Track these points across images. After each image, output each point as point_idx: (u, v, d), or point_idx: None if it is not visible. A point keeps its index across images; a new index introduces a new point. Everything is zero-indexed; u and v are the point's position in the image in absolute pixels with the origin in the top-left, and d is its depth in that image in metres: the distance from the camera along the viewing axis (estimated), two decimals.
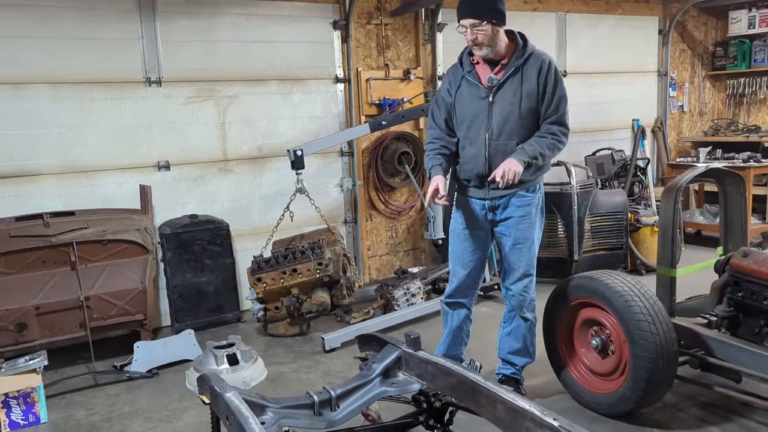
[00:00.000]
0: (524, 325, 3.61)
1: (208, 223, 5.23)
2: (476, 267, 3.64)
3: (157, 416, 3.75)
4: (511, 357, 3.69)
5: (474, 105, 3.40)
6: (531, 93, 3.32)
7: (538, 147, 3.32)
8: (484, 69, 3.41)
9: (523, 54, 3.32)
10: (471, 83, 3.41)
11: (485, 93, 3.37)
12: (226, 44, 5.37)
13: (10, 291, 4.21)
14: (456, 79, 3.48)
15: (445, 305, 3.77)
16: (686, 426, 3.35)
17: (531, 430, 2.24)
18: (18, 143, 4.70)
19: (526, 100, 3.32)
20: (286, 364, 4.46)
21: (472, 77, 3.41)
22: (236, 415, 2.28)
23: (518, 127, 3.35)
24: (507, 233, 3.51)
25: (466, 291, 3.69)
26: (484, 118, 3.37)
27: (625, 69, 7.87)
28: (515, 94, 3.31)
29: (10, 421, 3.64)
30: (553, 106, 3.35)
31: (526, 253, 3.51)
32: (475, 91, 3.40)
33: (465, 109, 3.44)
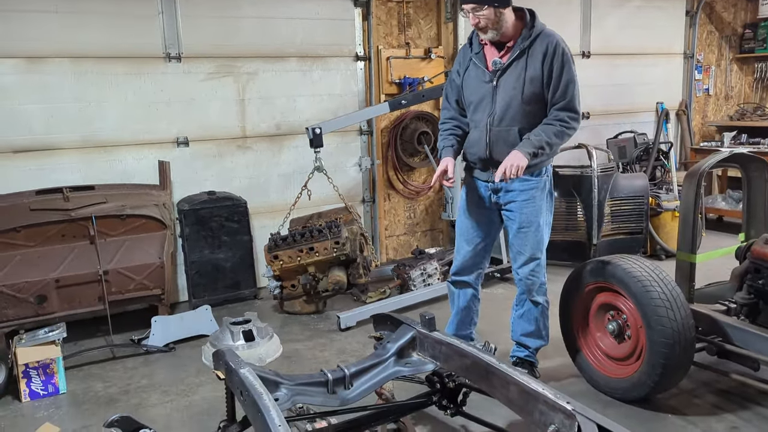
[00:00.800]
0: (535, 309, 3.58)
1: (226, 199, 5.24)
2: (481, 245, 3.59)
3: (174, 390, 3.79)
4: (525, 339, 3.67)
5: (479, 88, 3.33)
6: (535, 78, 3.19)
7: (545, 136, 3.20)
8: (491, 51, 3.33)
9: (529, 35, 3.20)
10: (477, 66, 3.35)
11: (489, 77, 3.29)
12: (246, 20, 5.34)
13: (31, 264, 4.26)
14: (465, 60, 3.42)
15: (451, 284, 3.75)
16: (701, 413, 3.31)
17: (544, 412, 2.23)
18: (38, 117, 4.73)
19: (529, 84, 3.20)
20: (301, 341, 4.49)
21: (479, 60, 3.34)
22: (250, 391, 2.29)
23: (521, 113, 3.26)
24: (512, 217, 3.47)
25: (471, 269, 3.64)
26: (488, 102, 3.31)
27: (650, 51, 7.72)
28: (519, 78, 3.20)
29: (30, 391, 3.71)
30: (560, 91, 3.22)
31: (532, 237, 3.46)
32: (480, 75, 3.33)
33: (471, 92, 3.38)
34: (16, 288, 4.15)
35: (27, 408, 3.63)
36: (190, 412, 3.49)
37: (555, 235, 6.13)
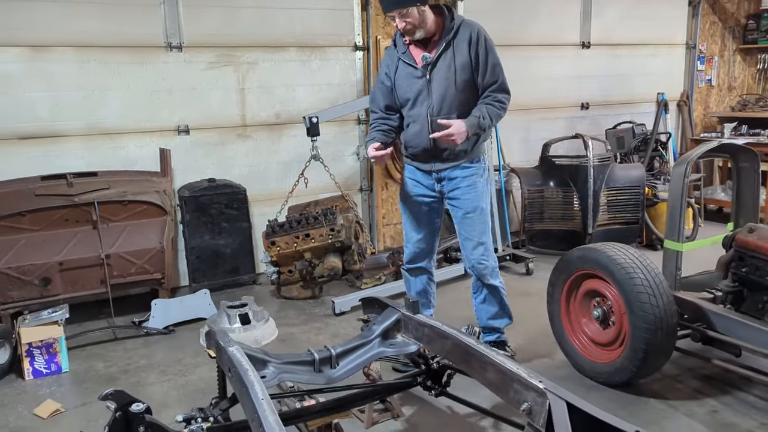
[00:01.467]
0: (493, 292, 3.73)
1: (226, 187, 5.35)
2: (430, 232, 3.74)
3: (172, 370, 3.92)
4: (492, 322, 3.81)
5: (413, 85, 3.44)
6: (464, 65, 3.37)
7: (487, 114, 3.39)
8: (417, 49, 3.44)
9: (452, 27, 3.37)
10: (407, 64, 3.45)
11: (421, 72, 3.41)
12: (247, 10, 5.42)
13: (36, 247, 4.39)
14: (393, 61, 3.51)
15: (406, 272, 3.89)
16: (683, 397, 3.40)
17: (518, 391, 2.32)
18: (43, 105, 4.84)
19: (461, 72, 3.37)
20: (297, 325, 4.60)
21: (407, 58, 3.44)
22: (237, 367, 2.40)
23: (457, 100, 3.42)
24: (457, 204, 3.62)
25: (423, 255, 3.79)
26: (424, 96, 3.43)
27: (652, 41, 7.73)
28: (449, 68, 3.37)
29: (33, 369, 3.84)
30: (489, 74, 3.41)
31: (477, 222, 3.60)
32: (411, 71, 3.44)
33: (405, 90, 3.48)
34: (21, 270, 4.28)
35: (30, 385, 3.76)
36: (186, 391, 3.61)
37: (551, 224, 6.28)
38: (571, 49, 7.20)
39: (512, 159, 6.75)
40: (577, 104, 7.37)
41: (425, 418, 3.24)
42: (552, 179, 6.20)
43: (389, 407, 3.25)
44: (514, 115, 6.82)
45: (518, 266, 5.79)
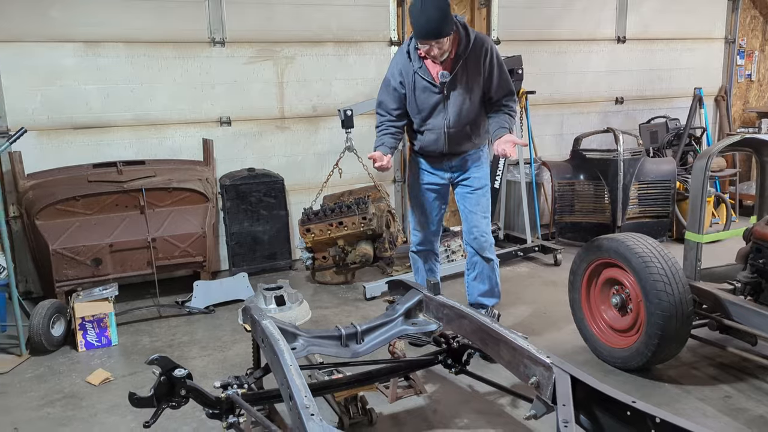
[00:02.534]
0: (488, 266, 3.95)
1: (265, 176, 5.61)
2: (438, 216, 4.02)
3: (211, 345, 4.19)
4: (481, 299, 4.05)
5: (429, 99, 3.63)
6: (479, 82, 3.60)
7: (509, 122, 3.67)
8: (433, 64, 3.56)
9: (467, 45, 3.51)
10: (424, 80, 3.58)
11: (438, 89, 3.58)
12: (286, 6, 5.66)
13: (88, 230, 4.72)
14: (408, 73, 3.61)
15: (415, 254, 4.14)
16: (698, 383, 3.50)
17: (528, 366, 2.49)
18: (96, 97, 5.17)
19: (476, 88, 3.60)
20: (329, 308, 4.83)
21: (424, 73, 3.56)
22: (269, 338, 2.63)
23: (472, 113, 3.68)
24: (467, 183, 3.89)
25: (432, 238, 4.06)
26: (441, 109, 3.65)
27: (689, 36, 7.70)
28: (466, 86, 3.58)
29: (86, 342, 4.16)
30: (501, 86, 3.65)
31: (483, 198, 3.89)
32: (428, 86, 3.59)
33: (422, 103, 3.65)
34: (75, 251, 4.61)
35: (83, 356, 4.08)
36: (224, 364, 3.88)
37: (581, 217, 6.37)
38: (607, 43, 7.24)
39: (545, 153, 6.85)
40: (611, 99, 7.41)
41: (446, 395, 3.42)
42: (582, 172, 6.28)
43: (412, 384, 3.44)
44: (548, 110, 6.93)
45: (546, 257, 5.91)
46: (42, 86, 4.98)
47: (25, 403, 3.48)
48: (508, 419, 3.16)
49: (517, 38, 6.61)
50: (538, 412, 2.41)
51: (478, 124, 3.79)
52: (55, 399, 3.52)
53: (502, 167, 5.88)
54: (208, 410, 2.76)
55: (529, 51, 6.54)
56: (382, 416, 3.18)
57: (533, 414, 2.41)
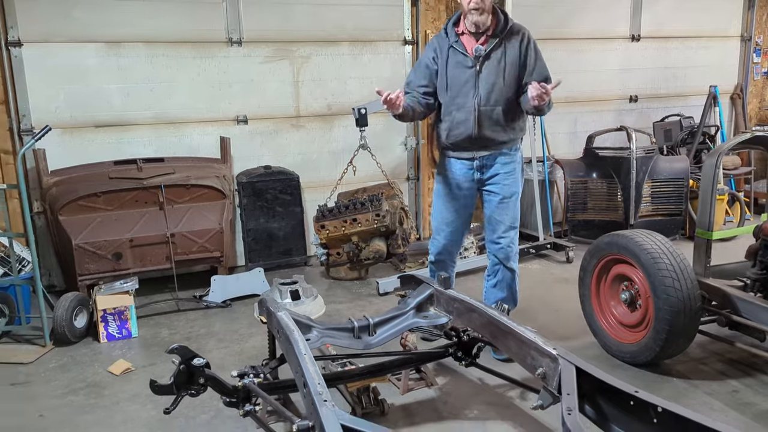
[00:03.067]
0: (510, 275, 3.89)
1: (280, 174, 5.72)
2: (460, 226, 3.91)
3: (228, 338, 4.30)
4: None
5: (461, 74, 3.61)
6: (514, 62, 3.58)
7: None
8: (469, 40, 3.61)
9: (505, 27, 3.59)
10: (458, 53, 3.61)
11: (472, 62, 3.57)
12: (302, 7, 5.75)
13: (109, 225, 4.85)
14: (443, 48, 3.65)
15: (432, 264, 4.04)
16: (706, 378, 3.54)
17: (534, 357, 2.57)
18: (117, 96, 5.30)
19: (510, 68, 3.57)
20: (343, 303, 4.93)
21: (459, 47, 3.61)
22: (284, 328, 2.72)
23: (503, 94, 3.61)
24: (495, 190, 3.78)
25: (451, 249, 3.97)
26: (471, 86, 3.60)
27: (704, 33, 7.68)
28: (500, 63, 3.57)
29: (107, 333, 4.29)
30: (538, 72, 3.62)
31: (512, 207, 3.80)
32: (462, 60, 3.60)
33: (452, 77, 3.63)
34: (96, 246, 4.74)
35: (104, 347, 4.21)
36: (241, 356, 3.98)
37: (593, 214, 6.41)
38: (621, 42, 7.25)
39: (559, 151, 6.88)
40: (625, 97, 7.42)
41: (457, 388, 3.50)
42: (595, 170, 6.31)
43: (424, 376, 3.52)
44: (561, 108, 6.94)
45: (559, 254, 5.95)
46: (65, 85, 5.12)
47: (50, 392, 3.61)
48: (517, 411, 3.23)
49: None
50: (544, 403, 2.49)
51: (512, 112, 3.67)
52: (78, 388, 3.65)
53: None
54: (225, 398, 2.86)
55: (544, 49, 6.47)
56: (393, 407, 3.26)
57: (540, 404, 2.49)
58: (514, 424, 3.11)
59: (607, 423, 2.33)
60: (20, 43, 4.93)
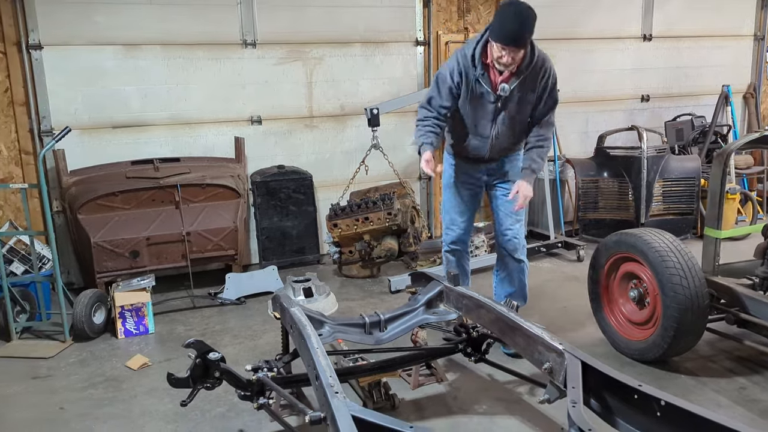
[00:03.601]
0: (517, 267, 3.99)
1: (294, 173, 5.80)
2: (472, 216, 4.10)
3: (243, 334, 4.39)
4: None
5: (483, 107, 3.65)
6: (533, 100, 3.64)
7: (540, 161, 3.76)
8: (494, 73, 3.54)
9: (531, 61, 3.49)
10: (483, 86, 3.57)
11: (495, 98, 3.59)
12: (315, 9, 5.83)
13: (126, 224, 4.95)
14: (468, 76, 3.57)
15: (448, 253, 4.17)
16: (714, 375, 3.58)
17: (541, 352, 2.62)
18: (134, 97, 5.41)
19: (528, 106, 3.66)
20: (355, 300, 5.00)
21: (485, 81, 3.55)
22: (297, 323, 2.80)
23: (518, 128, 3.76)
24: (505, 186, 3.93)
25: (464, 237, 4.13)
26: (490, 119, 3.67)
27: (717, 33, 7.66)
28: (521, 102, 3.62)
29: (125, 329, 4.39)
30: (546, 108, 3.70)
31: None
32: (485, 94, 3.59)
33: (474, 108, 3.67)
34: (114, 244, 4.85)
35: (122, 343, 4.32)
36: (255, 352, 4.07)
37: (604, 213, 6.43)
38: (632, 41, 7.26)
39: (570, 151, 6.90)
40: (637, 96, 7.43)
41: (466, 383, 3.56)
42: (606, 170, 6.34)
43: (434, 372, 3.58)
44: (572, 108, 6.99)
45: (569, 253, 5.99)
46: (84, 87, 5.23)
47: (70, 385, 3.72)
48: (525, 406, 3.29)
49: (541, 37, 6.52)
50: (551, 397, 2.54)
51: (523, 134, 3.85)
52: (97, 381, 3.75)
53: None
54: (240, 392, 2.95)
55: (554, 49, 6.57)
56: (404, 402, 3.33)
57: (546, 398, 2.55)
58: (523, 419, 3.17)
59: (612, 417, 2.38)
60: (41, 46, 5.05)
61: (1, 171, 5.16)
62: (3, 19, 4.94)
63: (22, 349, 4.20)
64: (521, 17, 3.30)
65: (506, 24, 3.31)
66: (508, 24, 3.31)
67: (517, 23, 3.29)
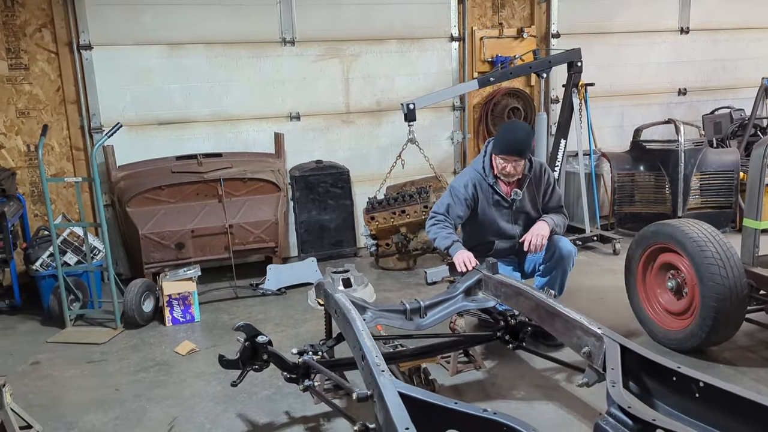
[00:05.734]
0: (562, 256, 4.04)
1: (332, 168, 5.93)
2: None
3: (284, 323, 4.53)
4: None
5: (501, 213, 4.01)
6: (540, 197, 4.04)
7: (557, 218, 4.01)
8: (502, 182, 3.95)
9: (531, 168, 3.95)
10: (497, 195, 3.95)
11: (509, 203, 3.97)
12: (351, 7, 5.95)
13: (172, 217, 5.14)
14: (483, 190, 3.95)
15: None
16: (753, 365, 3.58)
17: (580, 337, 2.68)
18: (178, 95, 5.61)
19: (539, 202, 4.04)
20: (392, 292, 5.10)
21: (499, 190, 3.94)
22: (342, 308, 2.91)
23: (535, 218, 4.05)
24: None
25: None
26: (510, 222, 4.03)
27: (757, 24, 7.58)
28: (531, 201, 4.01)
29: (172, 318, 4.57)
30: (556, 201, 4.07)
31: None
32: (501, 202, 3.97)
33: (493, 215, 4.00)
34: (160, 236, 5.04)
35: (170, 330, 4.49)
36: (297, 339, 4.20)
37: (641, 207, 6.43)
38: (669, 34, 7.22)
39: (605, 144, 6.90)
40: (674, 90, 7.39)
41: (504, 370, 3.63)
42: (642, 163, 6.32)
43: (472, 359, 3.67)
44: (608, 102, 6.99)
45: (605, 247, 6.00)
46: (131, 86, 5.44)
47: (123, 369, 3.90)
48: (563, 392, 3.35)
49: (576, 31, 6.71)
50: (590, 380, 2.60)
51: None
52: (148, 366, 3.92)
53: (561, 158, 5.96)
54: (286, 374, 3.06)
55: (589, 44, 6.61)
56: (443, 387, 3.42)
57: (585, 381, 2.60)
58: (560, 404, 3.23)
59: (651, 399, 2.43)
60: (91, 47, 5.26)
61: (54, 166, 5.40)
62: (55, 21, 5.17)
63: (76, 336, 4.40)
64: (521, 132, 3.86)
65: (507, 138, 3.82)
66: (508, 138, 3.82)
67: (516, 137, 3.80)
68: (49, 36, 5.21)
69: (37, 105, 5.28)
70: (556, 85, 6.68)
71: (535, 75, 5.99)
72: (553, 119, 6.49)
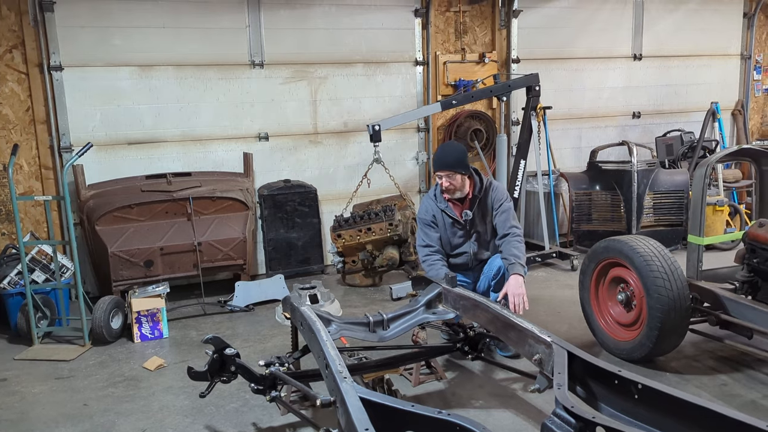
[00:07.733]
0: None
1: (299, 187, 6.07)
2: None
3: (252, 338, 4.63)
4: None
5: (456, 234, 4.24)
6: (491, 215, 4.24)
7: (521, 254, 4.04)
8: (455, 204, 4.22)
9: (481, 189, 4.20)
10: (450, 217, 4.20)
11: (462, 225, 4.20)
12: (319, 31, 6.14)
13: (141, 235, 5.21)
14: (438, 213, 4.22)
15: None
16: (697, 373, 3.80)
17: (531, 345, 2.86)
18: (148, 115, 5.70)
19: (490, 222, 4.24)
20: (358, 307, 5.24)
21: (451, 213, 4.20)
22: (308, 320, 3.04)
23: (488, 240, 4.27)
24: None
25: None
26: (464, 241, 4.25)
27: (705, 52, 8.00)
28: (483, 221, 4.23)
29: (141, 334, 4.62)
30: (505, 217, 4.18)
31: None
32: (455, 223, 4.21)
33: (450, 235, 4.24)
34: (129, 253, 5.10)
35: (138, 347, 4.55)
36: (264, 354, 4.29)
37: (597, 225, 6.69)
38: (624, 61, 7.58)
39: (564, 165, 7.17)
40: (629, 113, 7.73)
41: (464, 381, 3.78)
42: (599, 183, 6.61)
43: (434, 370, 3.81)
44: (566, 124, 7.28)
45: (564, 263, 6.23)
46: (101, 106, 5.53)
47: (92, 385, 3.95)
48: (519, 400, 3.51)
49: (536, 57, 7.00)
50: (541, 386, 2.77)
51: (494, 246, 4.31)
52: (117, 381, 3.98)
53: (521, 178, 6.21)
54: (254, 386, 3.16)
55: (548, 69, 6.94)
56: (405, 397, 3.56)
57: (537, 387, 2.78)
58: (516, 411, 3.40)
59: (596, 401, 2.61)
60: (61, 68, 5.35)
61: (23, 185, 5.43)
62: (26, 42, 5.25)
63: (44, 353, 4.43)
64: (450, 149, 4.19)
65: (440, 156, 4.16)
66: (439, 156, 4.16)
67: (444, 154, 4.13)
68: (19, 57, 5.28)
69: (7, 125, 5.33)
70: (516, 107, 6.95)
71: (496, 98, 6.24)
72: (513, 140, 6.74)
